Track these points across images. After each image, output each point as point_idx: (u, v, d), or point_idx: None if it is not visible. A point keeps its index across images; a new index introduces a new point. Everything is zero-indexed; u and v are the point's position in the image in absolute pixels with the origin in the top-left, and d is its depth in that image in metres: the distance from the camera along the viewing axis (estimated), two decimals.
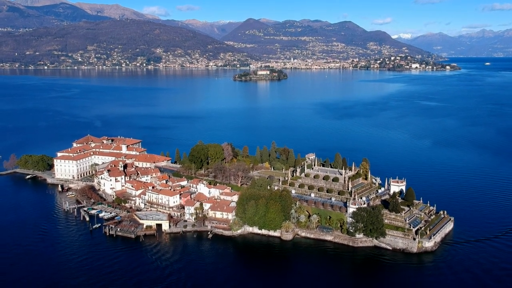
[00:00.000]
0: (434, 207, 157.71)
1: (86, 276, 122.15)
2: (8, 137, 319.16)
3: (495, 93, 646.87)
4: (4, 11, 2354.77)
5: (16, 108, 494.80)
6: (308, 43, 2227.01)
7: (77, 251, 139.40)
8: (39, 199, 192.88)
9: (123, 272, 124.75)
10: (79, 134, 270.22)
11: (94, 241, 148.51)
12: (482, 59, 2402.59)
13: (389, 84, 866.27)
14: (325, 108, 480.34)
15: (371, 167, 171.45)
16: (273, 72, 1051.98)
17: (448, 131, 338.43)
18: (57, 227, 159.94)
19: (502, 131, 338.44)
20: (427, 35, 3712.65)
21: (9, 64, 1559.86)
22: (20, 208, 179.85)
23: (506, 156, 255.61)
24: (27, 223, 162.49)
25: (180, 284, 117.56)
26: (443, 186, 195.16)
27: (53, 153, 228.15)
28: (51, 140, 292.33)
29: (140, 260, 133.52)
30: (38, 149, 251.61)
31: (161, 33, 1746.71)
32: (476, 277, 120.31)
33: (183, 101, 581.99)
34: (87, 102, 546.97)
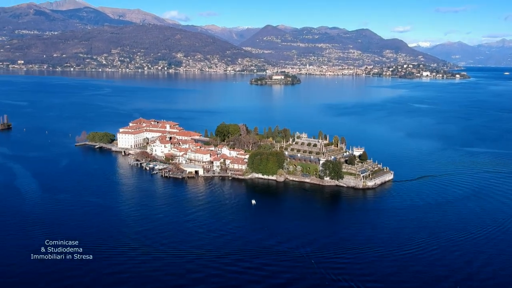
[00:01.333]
0: (380, 164, 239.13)
1: (152, 198, 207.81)
2: (68, 122, 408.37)
3: (485, 99, 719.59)
4: (31, 15, 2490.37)
5: (64, 101, 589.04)
6: (325, 50, 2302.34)
7: (146, 185, 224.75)
8: (109, 160, 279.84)
9: (175, 195, 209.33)
10: (124, 121, 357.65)
11: (155, 180, 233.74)
12: (501, 69, 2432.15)
13: (394, 89, 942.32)
14: (328, 107, 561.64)
15: (349, 144, 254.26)
16: (287, 77, 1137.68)
17: (421, 126, 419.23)
18: (128, 174, 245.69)
19: (463, 128, 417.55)
20: (446, 44, 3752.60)
21: (38, 66, 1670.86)
22: (98, 164, 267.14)
23: (451, 143, 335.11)
24: (106, 173, 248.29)
25: (210, 202, 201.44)
26: (394, 155, 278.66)
27: (110, 132, 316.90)
28: (103, 124, 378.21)
29: (185, 190, 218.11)
30: (97, 129, 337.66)
31: (181, 39, 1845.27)
32: (394, 198, 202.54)
33: (204, 100, 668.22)
34: (121, 99, 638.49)
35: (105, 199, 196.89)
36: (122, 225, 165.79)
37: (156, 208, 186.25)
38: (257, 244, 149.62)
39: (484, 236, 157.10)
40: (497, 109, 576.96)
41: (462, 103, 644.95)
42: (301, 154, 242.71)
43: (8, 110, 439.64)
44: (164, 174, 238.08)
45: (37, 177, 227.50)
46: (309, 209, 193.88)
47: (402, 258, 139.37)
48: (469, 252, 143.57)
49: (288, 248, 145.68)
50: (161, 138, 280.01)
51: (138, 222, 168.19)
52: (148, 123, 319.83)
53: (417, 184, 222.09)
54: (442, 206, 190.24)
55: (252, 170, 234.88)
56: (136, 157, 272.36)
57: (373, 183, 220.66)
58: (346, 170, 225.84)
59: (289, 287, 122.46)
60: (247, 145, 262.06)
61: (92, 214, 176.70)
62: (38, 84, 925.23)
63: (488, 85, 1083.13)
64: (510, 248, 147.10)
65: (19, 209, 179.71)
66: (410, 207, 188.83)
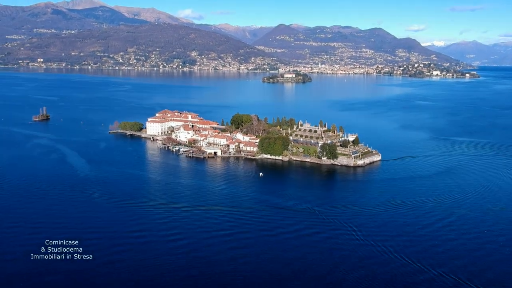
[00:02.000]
0: (370, 147, 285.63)
1: (177, 171, 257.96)
2: (99, 114, 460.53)
3: (484, 97, 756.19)
4: (48, 14, 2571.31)
5: (90, 96, 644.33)
6: (337, 49, 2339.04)
7: (173, 162, 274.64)
8: (140, 144, 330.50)
9: (197, 170, 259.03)
10: (149, 113, 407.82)
11: (180, 159, 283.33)
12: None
13: (401, 88, 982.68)
14: (334, 103, 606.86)
15: (346, 132, 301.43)
16: (299, 76, 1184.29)
17: (415, 119, 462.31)
18: (157, 155, 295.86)
19: (451, 121, 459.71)
20: (461, 43, 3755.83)
21: (57, 64, 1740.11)
22: (131, 147, 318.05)
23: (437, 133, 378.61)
24: (139, 153, 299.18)
25: (226, 174, 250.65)
26: (384, 141, 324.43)
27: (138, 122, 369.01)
28: (130, 116, 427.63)
29: (205, 166, 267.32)
30: (126, 120, 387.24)
31: (196, 38, 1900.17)
32: (379, 173, 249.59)
33: (219, 96, 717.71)
34: (142, 94, 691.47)
35: (142, 171, 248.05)
36: (154, 189, 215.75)
37: (181, 178, 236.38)
38: (265, 202, 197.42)
39: (449, 199, 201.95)
40: (490, 106, 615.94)
41: (460, 100, 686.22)
42: (303, 138, 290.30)
43: (41, 103, 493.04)
44: (188, 155, 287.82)
45: (83, 155, 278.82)
46: (309, 180, 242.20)
47: (383, 213, 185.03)
48: (435, 208, 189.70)
49: (293, 204, 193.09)
50: (184, 126, 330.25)
51: (166, 186, 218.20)
52: (172, 114, 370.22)
53: (399, 163, 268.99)
54: (417, 178, 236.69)
55: (262, 152, 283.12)
56: (163, 142, 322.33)
57: (362, 162, 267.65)
58: (340, 151, 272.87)
59: (298, 232, 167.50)
60: (258, 132, 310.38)
61: (131, 179, 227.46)
62: (61, 81, 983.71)
63: (494, 84, 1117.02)
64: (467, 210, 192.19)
65: (77, 175, 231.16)
66: (391, 179, 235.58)
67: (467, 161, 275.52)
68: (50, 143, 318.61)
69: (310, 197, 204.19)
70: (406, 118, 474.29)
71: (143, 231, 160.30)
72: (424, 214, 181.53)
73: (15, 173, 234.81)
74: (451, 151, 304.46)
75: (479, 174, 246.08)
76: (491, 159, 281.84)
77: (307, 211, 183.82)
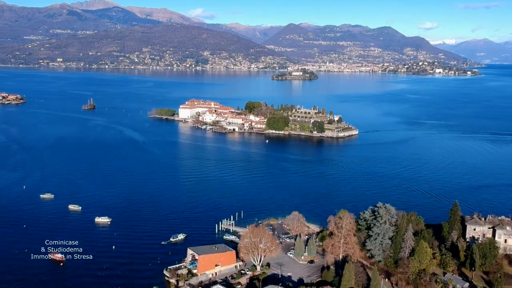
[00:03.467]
0: (350, 125, 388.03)
1: (204, 141, 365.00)
2: (134, 104, 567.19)
3: (470, 92, 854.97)
4: (64, 15, 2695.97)
5: (120, 91, 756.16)
6: (346, 48, 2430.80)
7: (201, 135, 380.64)
8: (175, 125, 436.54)
9: (220, 140, 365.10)
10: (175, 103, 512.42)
11: (206, 134, 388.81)
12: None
13: (400, 84, 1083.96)
14: (333, 96, 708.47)
15: (335, 114, 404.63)
16: (306, 73, 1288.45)
17: (396, 109, 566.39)
18: (189, 131, 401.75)
19: (425, 110, 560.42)
20: (471, 41, 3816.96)
21: (75, 63, 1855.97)
22: (169, 126, 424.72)
23: (407, 118, 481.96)
24: (176, 130, 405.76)
25: (241, 142, 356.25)
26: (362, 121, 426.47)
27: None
28: (161, 105, 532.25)
29: (226, 138, 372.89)
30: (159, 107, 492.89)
31: (208, 37, 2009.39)
32: (354, 141, 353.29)
33: (232, 91, 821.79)
34: (164, 89, 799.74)
35: (181, 139, 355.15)
36: (188, 151, 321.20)
37: (207, 143, 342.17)
38: (269, 157, 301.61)
39: (398, 154, 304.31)
40: (467, 99, 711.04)
41: (443, 95, 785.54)
42: (299, 118, 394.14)
43: (82, 96, 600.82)
44: (213, 130, 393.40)
45: (135, 130, 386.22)
46: (303, 145, 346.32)
47: (357, 161, 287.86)
48: (388, 157, 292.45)
49: (292, 158, 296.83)
50: (209, 110, 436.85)
51: (196, 149, 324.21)
52: (198, 102, 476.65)
53: (370, 135, 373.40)
54: (380, 144, 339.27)
55: (268, 128, 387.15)
56: (193, 122, 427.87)
57: (343, 134, 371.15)
58: (327, 127, 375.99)
59: (296, 173, 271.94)
60: (266, 114, 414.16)
61: (175, 144, 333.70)
62: (87, 79, 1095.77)
63: (490, 81, 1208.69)
64: (410, 159, 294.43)
65: (136, 140, 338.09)
66: (362, 144, 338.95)
67: (420, 135, 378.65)
68: (106, 124, 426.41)
69: (303, 154, 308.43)
70: (388, 107, 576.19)
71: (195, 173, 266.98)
72: (381, 160, 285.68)
73: (92, 139, 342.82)
74: (410, 129, 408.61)
75: (425, 142, 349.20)
76: (440, 135, 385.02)
77: (302, 161, 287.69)
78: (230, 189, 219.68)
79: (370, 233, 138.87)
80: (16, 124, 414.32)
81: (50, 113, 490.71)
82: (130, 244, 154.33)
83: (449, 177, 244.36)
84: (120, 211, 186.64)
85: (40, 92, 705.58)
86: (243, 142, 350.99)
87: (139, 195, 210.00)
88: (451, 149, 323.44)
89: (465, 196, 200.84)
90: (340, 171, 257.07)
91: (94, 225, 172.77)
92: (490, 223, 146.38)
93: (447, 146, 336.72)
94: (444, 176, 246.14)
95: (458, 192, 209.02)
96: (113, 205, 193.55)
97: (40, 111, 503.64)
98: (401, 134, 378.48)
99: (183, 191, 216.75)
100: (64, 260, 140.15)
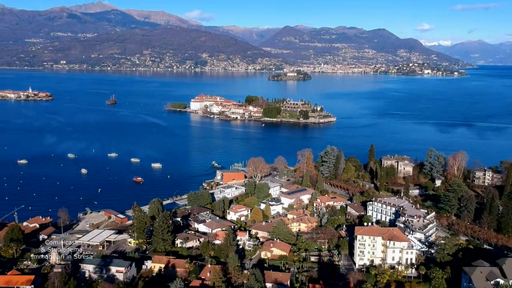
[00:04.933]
0: (330, 113, 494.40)
1: (211, 125, 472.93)
2: (148, 100, 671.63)
3: (444, 90, 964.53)
4: (64, 18, 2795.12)
5: (131, 89, 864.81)
6: (341, 50, 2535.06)
7: (209, 121, 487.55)
8: (187, 115, 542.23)
9: (225, 125, 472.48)
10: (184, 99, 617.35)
11: (213, 120, 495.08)
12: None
13: (387, 84, 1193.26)
14: (321, 93, 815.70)
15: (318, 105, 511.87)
16: (300, 74, 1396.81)
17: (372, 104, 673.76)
18: (199, 119, 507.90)
19: (393, 105, 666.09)
20: (466, 43, 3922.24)
21: (78, 65, 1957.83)
22: (182, 116, 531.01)
23: (377, 110, 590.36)
24: (188, 119, 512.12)
25: (242, 126, 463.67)
26: (340, 110, 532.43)
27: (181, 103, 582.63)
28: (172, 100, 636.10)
29: (230, 123, 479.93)
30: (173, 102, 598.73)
31: (206, 40, 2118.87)
32: (332, 125, 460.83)
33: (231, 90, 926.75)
34: (170, 88, 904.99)
35: (194, 124, 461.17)
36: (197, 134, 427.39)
37: (215, 127, 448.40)
38: (265, 134, 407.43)
39: (361, 135, 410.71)
40: (437, 97, 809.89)
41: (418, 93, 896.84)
42: (289, 108, 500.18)
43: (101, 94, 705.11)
44: (219, 119, 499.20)
45: (156, 118, 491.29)
46: (292, 128, 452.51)
47: (334, 137, 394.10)
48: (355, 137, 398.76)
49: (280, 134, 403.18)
50: (216, 103, 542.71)
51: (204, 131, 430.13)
52: (206, 97, 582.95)
53: (345, 120, 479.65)
54: (351, 127, 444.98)
55: (264, 116, 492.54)
56: (202, 113, 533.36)
57: (323, 120, 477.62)
58: (310, 115, 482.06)
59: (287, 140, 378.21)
60: (262, 105, 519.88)
61: (189, 126, 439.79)
62: (96, 80, 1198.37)
63: (470, 81, 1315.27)
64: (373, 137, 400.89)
65: (159, 125, 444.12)
66: (338, 127, 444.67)
67: (384, 121, 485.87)
68: (131, 114, 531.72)
69: (291, 133, 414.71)
70: (366, 102, 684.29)
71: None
72: (349, 136, 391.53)
73: (126, 122, 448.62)
74: (378, 117, 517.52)
75: (384, 125, 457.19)
76: (398, 121, 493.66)
77: (290, 138, 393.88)
78: (238, 149, 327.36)
79: (323, 162, 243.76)
80: (59, 114, 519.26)
81: (81, 106, 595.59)
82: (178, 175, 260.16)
83: (387, 141, 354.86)
84: (166, 161, 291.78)
85: (61, 91, 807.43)
86: (244, 126, 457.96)
87: (173, 153, 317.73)
88: (399, 129, 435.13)
89: (390, 148, 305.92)
90: (316, 141, 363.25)
91: (151, 169, 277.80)
92: (395, 159, 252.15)
93: (398, 127, 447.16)
94: (386, 141, 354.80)
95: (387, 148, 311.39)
96: (159, 157, 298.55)
97: (71, 105, 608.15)
98: (369, 121, 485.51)
99: (201, 151, 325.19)
100: (142, 181, 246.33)
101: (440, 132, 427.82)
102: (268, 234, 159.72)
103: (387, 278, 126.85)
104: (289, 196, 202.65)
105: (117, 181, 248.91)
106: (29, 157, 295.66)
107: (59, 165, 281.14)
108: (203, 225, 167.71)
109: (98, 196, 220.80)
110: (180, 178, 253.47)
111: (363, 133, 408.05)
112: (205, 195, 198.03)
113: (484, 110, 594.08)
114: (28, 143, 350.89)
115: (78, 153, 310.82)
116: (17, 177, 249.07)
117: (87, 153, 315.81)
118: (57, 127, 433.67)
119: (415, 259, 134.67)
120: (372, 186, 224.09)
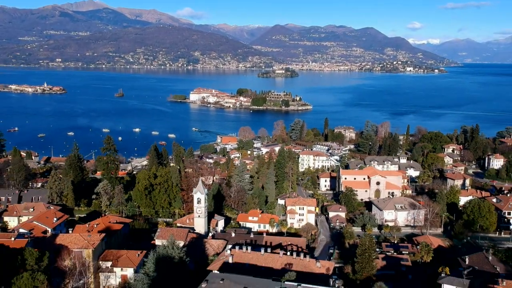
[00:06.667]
0: (307, 102, 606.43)
1: (208, 111, 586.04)
2: (151, 93, 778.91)
3: (413, 86, 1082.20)
4: (56, 16, 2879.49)
5: (132, 85, 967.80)
6: (329, 48, 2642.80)
7: (205, 109, 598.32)
8: (187, 105, 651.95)
9: (220, 112, 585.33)
10: (183, 92, 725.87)
11: (210, 109, 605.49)
12: (505, 66, 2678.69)
13: (367, 80, 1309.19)
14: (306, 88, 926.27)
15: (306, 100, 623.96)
16: (287, 71, 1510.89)
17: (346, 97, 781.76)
18: (197, 108, 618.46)
19: (360, 96, 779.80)
20: (454, 41, 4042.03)
21: (73, 63, 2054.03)
22: (183, 105, 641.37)
23: (346, 101, 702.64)
24: (188, 108, 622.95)
25: (236, 112, 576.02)
26: (316, 100, 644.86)
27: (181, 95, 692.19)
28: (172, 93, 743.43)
29: (225, 111, 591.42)
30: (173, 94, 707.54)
31: (198, 39, 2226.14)
32: (309, 111, 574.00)
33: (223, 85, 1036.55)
34: (167, 84, 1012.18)
35: (192, 110, 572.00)
36: (199, 116, 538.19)
37: (211, 113, 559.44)
38: (253, 117, 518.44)
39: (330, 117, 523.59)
40: (403, 91, 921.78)
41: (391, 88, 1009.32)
42: (274, 98, 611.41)
43: (106, 88, 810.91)
44: (215, 107, 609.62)
45: (162, 107, 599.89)
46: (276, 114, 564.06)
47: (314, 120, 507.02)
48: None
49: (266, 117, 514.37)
50: (212, 94, 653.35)
51: (202, 116, 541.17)
52: (203, 89, 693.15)
53: (319, 108, 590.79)
54: (323, 112, 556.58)
55: (252, 105, 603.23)
56: (200, 102, 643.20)
57: (301, 108, 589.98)
58: (291, 104, 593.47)
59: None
60: (251, 96, 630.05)
61: (188, 112, 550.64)
62: (94, 77, 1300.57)
63: (445, 78, 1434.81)
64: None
65: (165, 112, 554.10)
66: (313, 113, 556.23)
67: (350, 109, 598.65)
68: (139, 103, 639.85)
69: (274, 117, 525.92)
70: (341, 95, 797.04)
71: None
72: (321, 118, 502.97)
73: (139, 110, 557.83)
74: (347, 106, 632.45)
75: (350, 111, 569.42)
76: (362, 108, 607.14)
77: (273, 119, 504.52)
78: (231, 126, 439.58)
79: (292, 130, 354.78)
80: (78, 104, 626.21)
81: (94, 98, 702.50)
82: (189, 140, 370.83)
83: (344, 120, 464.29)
84: (178, 133, 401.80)
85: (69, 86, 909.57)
86: (236, 112, 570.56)
87: (182, 128, 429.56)
88: (358, 114, 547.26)
89: (344, 123, 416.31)
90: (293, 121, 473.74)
91: (168, 138, 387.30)
92: (344, 128, 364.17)
93: (358, 113, 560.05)
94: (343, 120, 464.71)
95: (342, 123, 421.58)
96: (174, 130, 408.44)
97: (85, 97, 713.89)
98: (339, 109, 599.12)
99: (202, 127, 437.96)
100: (165, 143, 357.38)
101: (389, 116, 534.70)
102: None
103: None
104: (266, 147, 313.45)
105: (147, 144, 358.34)
106: (75, 130, 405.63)
107: (99, 136, 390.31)
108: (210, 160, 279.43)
109: (135, 152, 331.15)
110: (191, 142, 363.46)
111: (331, 117, 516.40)
112: (211, 146, 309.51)
113: (437, 102, 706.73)
114: (66, 122, 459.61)
115: (111, 128, 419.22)
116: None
117: (117, 128, 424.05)
118: (82, 113, 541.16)
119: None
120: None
